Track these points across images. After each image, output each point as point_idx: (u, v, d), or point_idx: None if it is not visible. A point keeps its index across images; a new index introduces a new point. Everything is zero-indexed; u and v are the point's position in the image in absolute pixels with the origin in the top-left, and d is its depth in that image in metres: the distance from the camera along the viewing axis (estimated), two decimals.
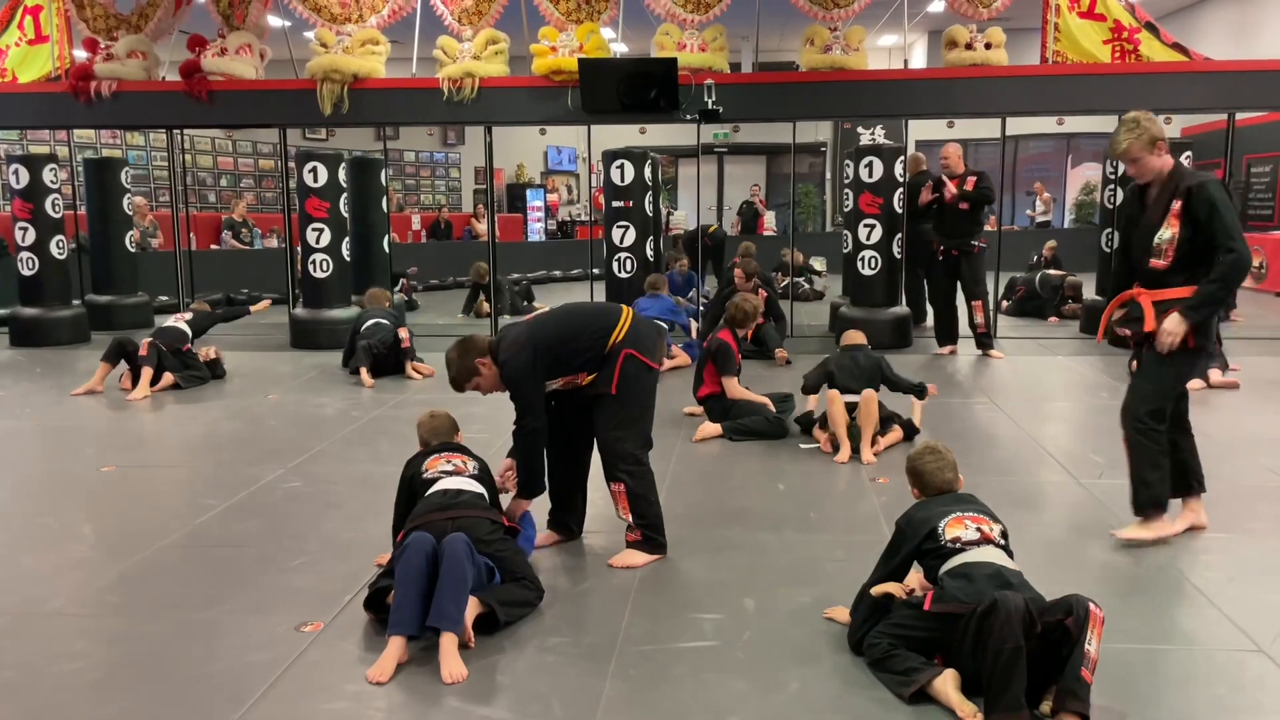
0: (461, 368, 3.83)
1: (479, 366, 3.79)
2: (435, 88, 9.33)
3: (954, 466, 3.21)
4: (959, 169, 8.56)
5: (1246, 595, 3.47)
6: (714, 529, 4.23)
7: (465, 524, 3.28)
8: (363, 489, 4.84)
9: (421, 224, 17.35)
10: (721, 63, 9.30)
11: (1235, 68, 9.22)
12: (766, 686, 2.87)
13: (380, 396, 7.10)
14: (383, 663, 2.93)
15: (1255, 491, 4.68)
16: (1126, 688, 2.80)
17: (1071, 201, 18.97)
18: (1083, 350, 8.74)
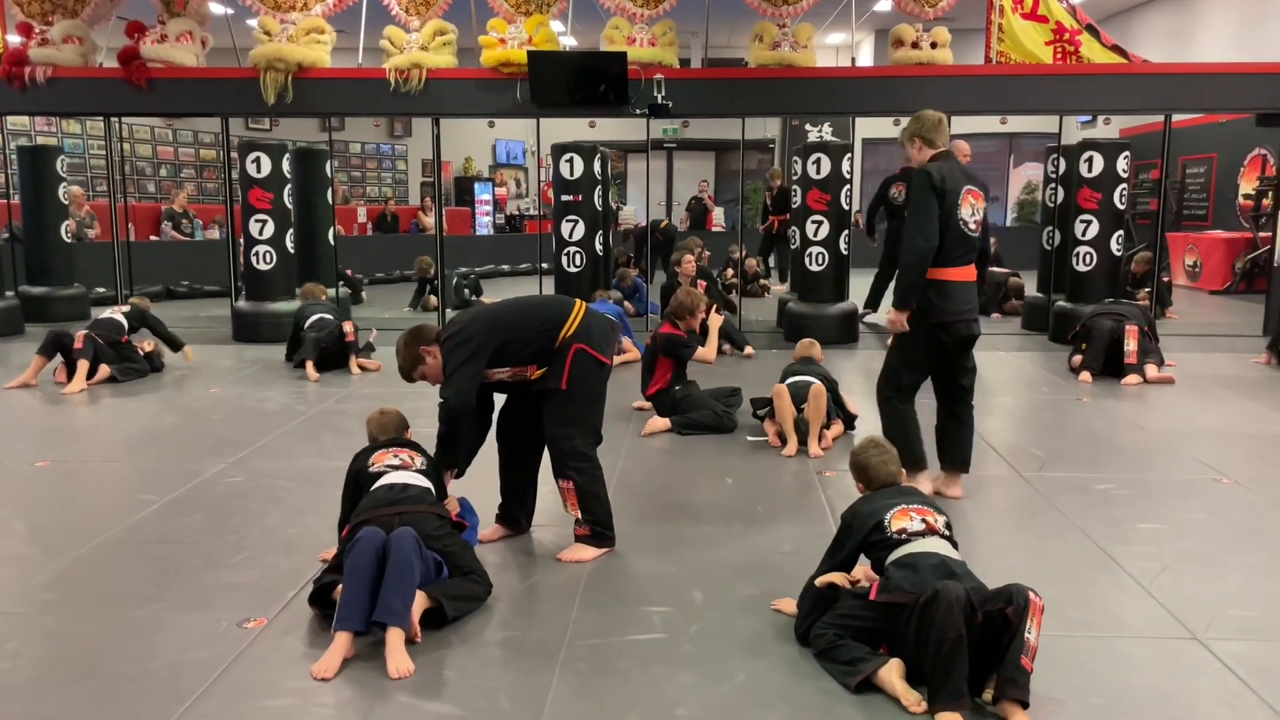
0: (408, 356, 3.81)
1: (424, 355, 3.77)
2: (382, 78, 9.22)
3: (898, 460, 3.27)
4: None
5: (1180, 585, 3.55)
6: (663, 523, 4.24)
7: (412, 519, 3.25)
8: (306, 484, 4.78)
9: (368, 216, 17.13)
10: (671, 58, 9.31)
11: (1172, 70, 9.44)
12: (714, 678, 2.88)
13: (325, 391, 7.00)
14: (328, 658, 2.89)
15: (1189, 484, 4.80)
16: (1065, 675, 2.85)
17: (1014, 200, 19.29)
18: (1024, 346, 8.90)
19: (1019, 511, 4.45)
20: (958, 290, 4.33)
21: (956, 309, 4.32)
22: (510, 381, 3.80)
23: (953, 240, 4.26)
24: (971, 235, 4.32)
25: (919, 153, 4.36)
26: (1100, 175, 8.70)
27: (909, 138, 4.41)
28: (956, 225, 4.26)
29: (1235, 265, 13.01)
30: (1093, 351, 7.28)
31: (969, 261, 4.36)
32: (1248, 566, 3.74)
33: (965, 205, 4.27)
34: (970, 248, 4.34)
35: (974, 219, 4.32)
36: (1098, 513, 4.36)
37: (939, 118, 4.40)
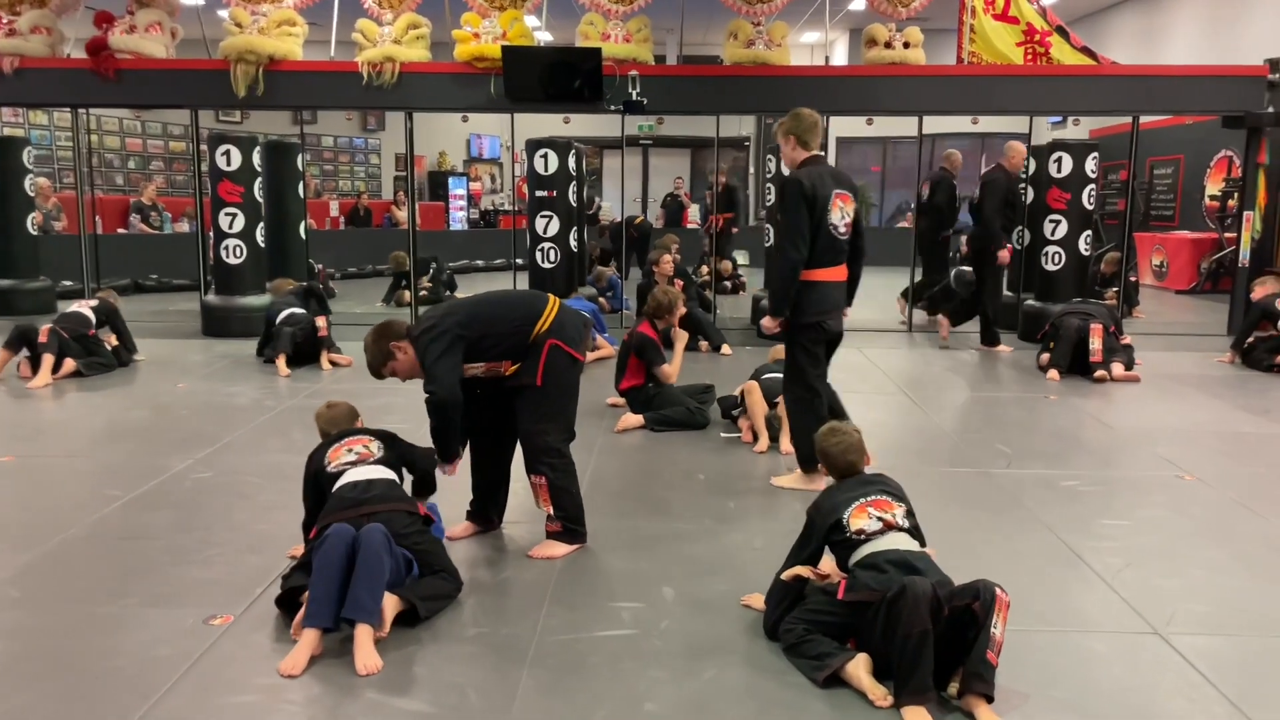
0: (376, 353, 3.77)
1: (394, 350, 3.73)
2: (354, 71, 9.16)
3: (858, 448, 3.24)
4: None
5: (1142, 580, 3.61)
6: (634, 519, 4.25)
7: (381, 518, 3.22)
8: (275, 479, 4.75)
9: (340, 211, 17.02)
10: (646, 54, 9.32)
11: (1140, 72, 9.55)
12: (683, 674, 2.90)
13: (295, 386, 6.96)
14: (295, 655, 2.88)
15: (1152, 481, 4.86)
16: (1029, 669, 2.89)
17: None
18: None
19: (986, 507, 4.49)
20: (827, 290, 4.52)
21: (826, 308, 4.52)
22: (484, 378, 3.79)
23: (823, 244, 4.43)
24: (840, 239, 4.49)
25: (793, 151, 4.52)
26: (1069, 176, 8.78)
27: (784, 134, 4.54)
28: (827, 230, 4.42)
29: (1201, 265, 13.18)
30: (1060, 350, 7.36)
31: (839, 263, 4.55)
32: (1209, 562, 3.80)
33: (835, 210, 4.43)
34: (839, 250, 4.52)
35: (844, 223, 4.49)
36: (1063, 509, 4.41)
37: (816, 120, 4.54)
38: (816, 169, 4.46)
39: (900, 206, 19.47)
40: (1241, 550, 3.93)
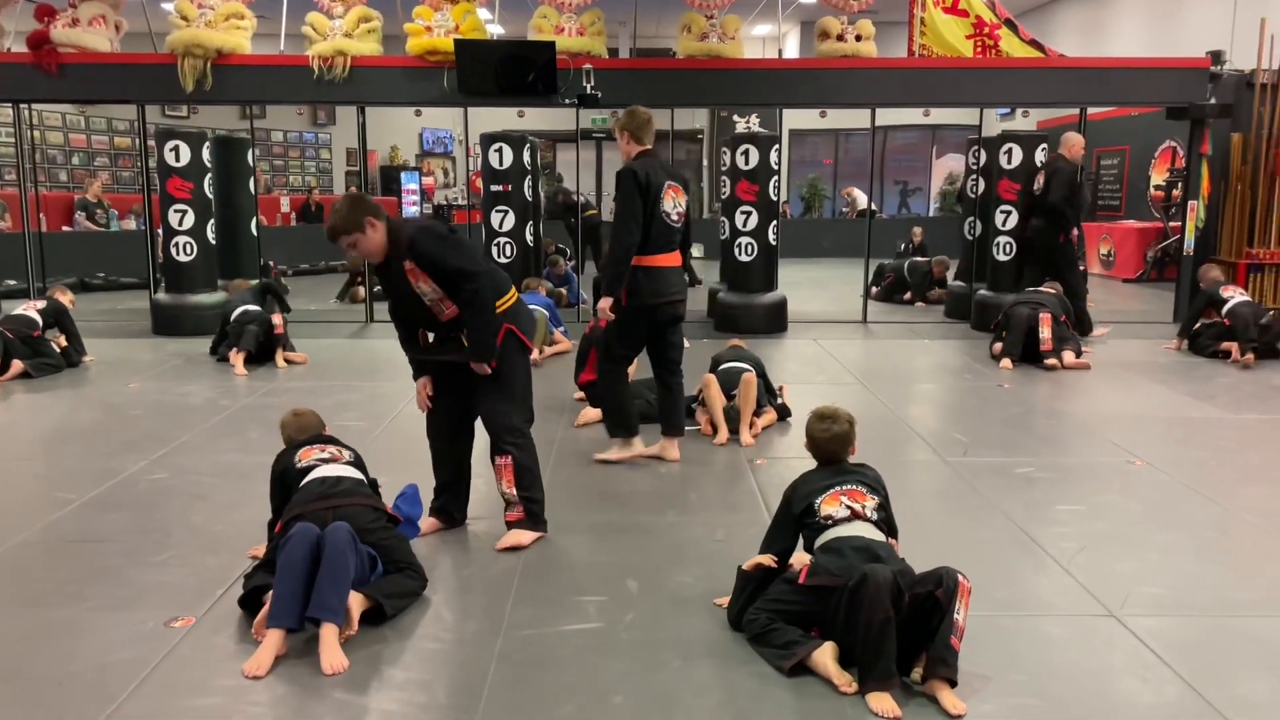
0: (348, 218, 3.59)
1: (367, 224, 3.59)
2: (305, 65, 9.04)
3: (843, 439, 3.25)
4: None
5: (1097, 564, 3.68)
6: (597, 512, 4.26)
7: (347, 513, 3.21)
8: (232, 480, 4.69)
9: (291, 206, 16.80)
10: (600, 48, 9.30)
11: (1087, 65, 9.71)
12: (649, 666, 2.91)
13: (251, 385, 6.87)
14: (259, 656, 2.85)
15: (1105, 467, 4.96)
16: (989, 653, 2.94)
17: (936, 191, 19.68)
18: (947, 334, 9.10)
19: (944, 495, 4.56)
20: (665, 275, 4.78)
21: (665, 291, 4.78)
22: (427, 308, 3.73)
23: (657, 231, 4.69)
24: (673, 226, 4.78)
25: (628, 145, 4.77)
26: (1019, 167, 8.92)
27: (620, 130, 4.81)
28: (660, 218, 4.69)
29: (1147, 254, 13.45)
30: (1011, 339, 7.48)
31: (673, 249, 4.82)
32: (1161, 545, 3.89)
33: (667, 199, 4.71)
34: (672, 237, 4.79)
35: (676, 211, 4.78)
36: (1018, 495, 4.49)
37: (649, 116, 4.81)
38: (650, 161, 4.74)
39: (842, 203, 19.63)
40: (1192, 533, 4.03)
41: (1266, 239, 9.38)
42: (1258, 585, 3.52)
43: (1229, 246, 9.71)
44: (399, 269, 3.68)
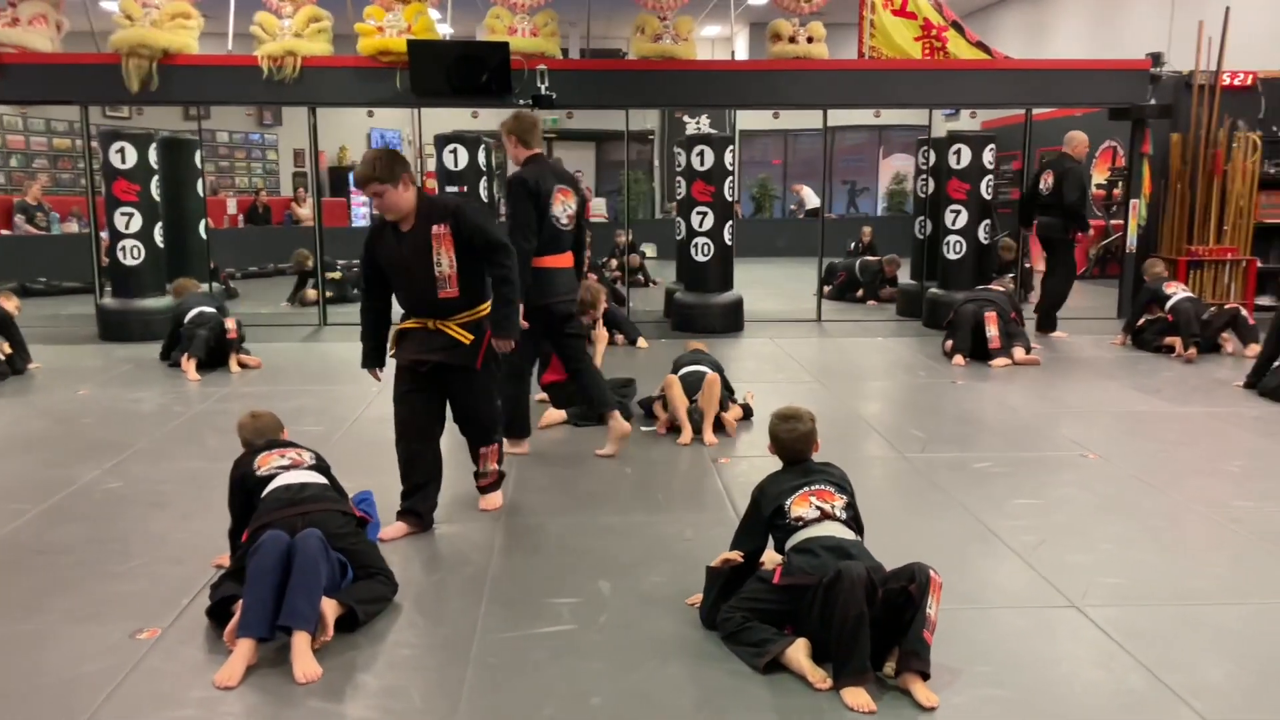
0: (386, 169, 3.72)
1: (402, 180, 3.75)
2: (254, 65, 8.92)
3: (807, 437, 3.29)
4: None
5: (1056, 556, 3.77)
6: (565, 514, 4.26)
7: (316, 519, 3.18)
8: (191, 487, 4.61)
9: (238, 208, 16.54)
10: (554, 48, 9.29)
11: (1032, 66, 9.92)
12: (625, 666, 2.93)
13: (205, 390, 6.76)
14: (230, 666, 2.82)
15: (1059, 460, 5.07)
16: (956, 646, 2.99)
17: (884, 190, 19.91)
18: (900, 332, 9.23)
19: (905, 491, 4.63)
20: (556, 276, 4.93)
21: (556, 292, 4.92)
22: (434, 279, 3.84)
23: (548, 234, 4.84)
24: (563, 229, 4.92)
25: (515, 149, 4.89)
26: (968, 167, 9.07)
27: (508, 133, 4.90)
28: (550, 222, 4.85)
29: (1091, 252, 13.73)
30: (960, 336, 7.63)
31: (563, 251, 4.96)
32: (1116, 536, 3.99)
33: (557, 204, 4.86)
34: (562, 240, 4.93)
35: (565, 214, 4.92)
36: (977, 490, 4.58)
37: (535, 120, 4.96)
38: (538, 167, 4.87)
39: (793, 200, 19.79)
40: (1146, 524, 4.14)
41: (1205, 236, 9.63)
42: (1209, 574, 3.63)
43: (1170, 244, 9.96)
44: (423, 234, 3.81)
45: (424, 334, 3.95)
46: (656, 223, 17.59)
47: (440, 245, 3.81)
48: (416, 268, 3.85)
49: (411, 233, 3.84)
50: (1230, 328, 7.92)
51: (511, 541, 3.94)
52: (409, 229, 3.84)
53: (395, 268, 3.93)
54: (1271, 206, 10.11)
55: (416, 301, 3.93)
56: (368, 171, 3.72)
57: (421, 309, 3.93)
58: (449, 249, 3.81)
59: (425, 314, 3.93)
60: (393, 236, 3.88)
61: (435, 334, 3.93)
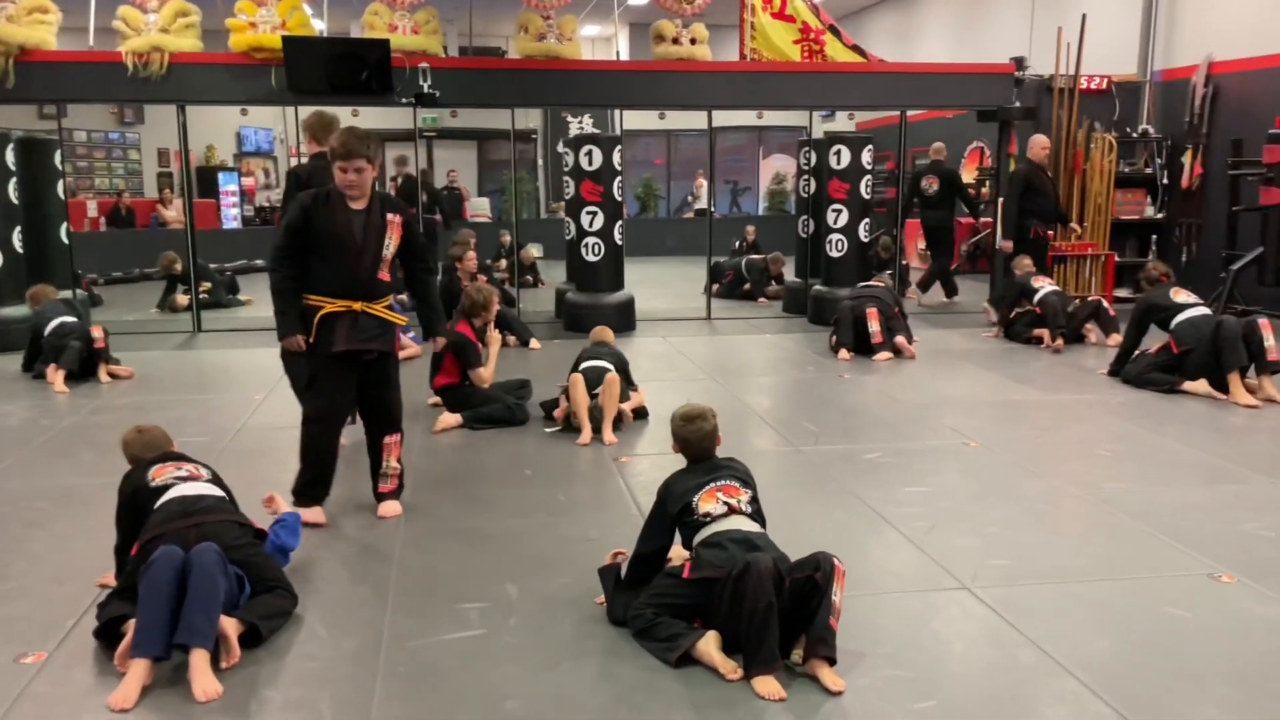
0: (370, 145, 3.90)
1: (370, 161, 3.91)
2: (118, 62, 8.54)
3: (712, 435, 3.34)
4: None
5: (946, 540, 3.92)
6: (466, 519, 4.22)
7: (210, 530, 3.07)
8: (68, 505, 4.39)
9: (99, 211, 15.78)
10: (436, 46, 9.18)
11: (906, 69, 10.27)
12: (538, 667, 2.92)
13: (74, 402, 6.43)
14: (125, 687, 2.70)
15: (942, 449, 5.28)
16: (858, 630, 3.08)
17: (764, 190, 20.30)
18: (787, 328, 9.42)
19: (801, 482, 4.74)
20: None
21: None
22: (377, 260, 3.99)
23: None
24: None
25: (309, 145, 4.97)
26: (848, 167, 9.32)
27: (305, 128, 5.04)
28: None
29: (962, 248, 14.27)
30: (842, 331, 7.87)
31: None
32: (1000, 519, 4.17)
33: None
34: None
35: None
36: (868, 479, 4.73)
37: (329, 120, 4.98)
38: (318, 163, 4.81)
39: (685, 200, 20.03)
40: (1027, 507, 4.34)
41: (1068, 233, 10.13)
42: (1088, 552, 3.83)
43: None
44: (379, 216, 3.98)
45: (351, 319, 3.97)
46: (542, 222, 17.53)
47: (391, 231, 4.02)
48: (369, 246, 3.97)
49: (366, 212, 3.97)
50: (1093, 319, 8.36)
51: (413, 548, 3.88)
52: (362, 208, 3.97)
53: (341, 241, 3.94)
54: (1127, 204, 10.73)
55: (352, 279, 3.97)
56: (359, 147, 3.86)
57: (355, 289, 3.98)
58: (397, 238, 4.04)
59: (357, 295, 3.98)
60: (343, 211, 3.93)
61: (365, 319, 3.99)
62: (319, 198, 3.96)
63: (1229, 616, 3.25)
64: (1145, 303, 6.86)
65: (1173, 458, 5.07)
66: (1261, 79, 9.66)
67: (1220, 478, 4.73)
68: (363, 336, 3.99)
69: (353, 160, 3.85)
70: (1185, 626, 3.18)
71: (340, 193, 3.94)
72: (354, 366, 4.06)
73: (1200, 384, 6.29)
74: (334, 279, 3.96)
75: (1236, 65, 9.93)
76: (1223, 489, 4.56)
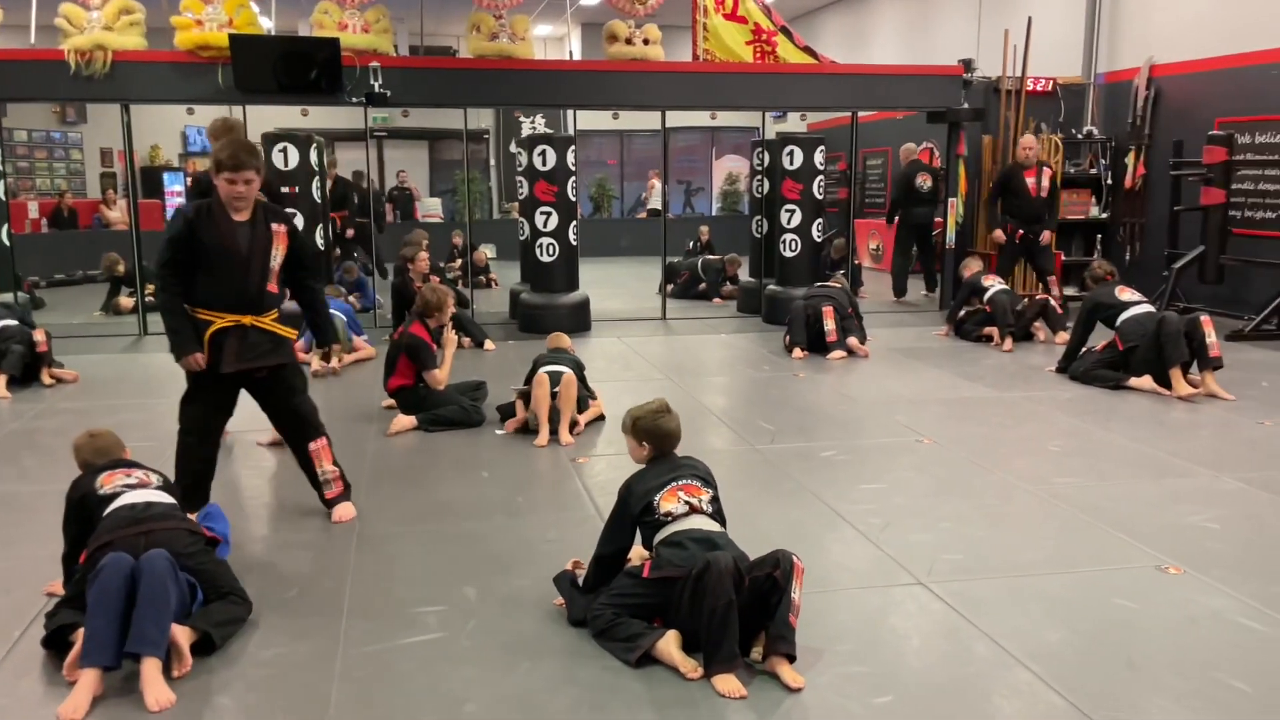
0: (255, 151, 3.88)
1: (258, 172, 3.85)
2: (59, 60, 8.36)
3: (677, 434, 3.35)
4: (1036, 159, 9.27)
5: (901, 536, 3.97)
6: (423, 522, 4.19)
7: (161, 538, 3.01)
8: (10, 512, 4.29)
9: (40, 212, 15.43)
10: (386, 45, 9.10)
11: (857, 71, 10.35)
12: (498, 670, 2.90)
13: (16, 408, 6.28)
14: (75, 698, 2.64)
15: (896, 446, 5.33)
16: (817, 627, 3.11)
17: (717, 190, 20.38)
18: (742, 328, 9.46)
19: (759, 481, 4.76)
20: None
21: None
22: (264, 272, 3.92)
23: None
24: None
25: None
26: (801, 168, 9.39)
27: (210, 133, 5.04)
28: None
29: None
30: (795, 330, 7.93)
31: None
32: (954, 515, 4.23)
33: None
34: None
35: None
36: (825, 477, 4.77)
37: (234, 125, 5.09)
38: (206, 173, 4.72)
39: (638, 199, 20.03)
40: (979, 502, 4.40)
41: None
42: (1040, 546, 3.90)
43: (984, 240, 10.60)
44: (264, 227, 3.89)
45: (241, 335, 3.89)
46: (495, 223, 17.46)
47: (277, 242, 3.94)
48: (255, 258, 3.89)
49: (251, 224, 3.89)
50: (1041, 317, 8.51)
51: (368, 552, 3.84)
52: (245, 220, 3.87)
53: (229, 255, 3.84)
54: (1073, 204, 10.92)
55: (239, 293, 3.89)
56: (249, 159, 3.81)
57: (242, 303, 3.90)
58: (283, 248, 3.97)
59: (244, 309, 3.90)
60: (228, 223, 3.84)
61: (254, 334, 3.92)
62: (201, 210, 3.83)
63: (1176, 607, 3.32)
64: (1091, 301, 6.99)
65: (1119, 452, 5.17)
66: (1201, 81, 9.90)
67: (1166, 471, 4.83)
68: (253, 355, 3.91)
69: (242, 172, 3.76)
70: (1134, 617, 3.25)
71: (222, 204, 3.82)
72: (238, 381, 3.98)
73: (1145, 380, 6.42)
74: (221, 293, 3.85)
75: (1177, 68, 10.16)
76: (1168, 483, 4.66)
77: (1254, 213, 9.37)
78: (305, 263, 4.13)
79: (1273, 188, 9.17)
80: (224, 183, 3.79)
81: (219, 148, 3.83)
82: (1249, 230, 9.30)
